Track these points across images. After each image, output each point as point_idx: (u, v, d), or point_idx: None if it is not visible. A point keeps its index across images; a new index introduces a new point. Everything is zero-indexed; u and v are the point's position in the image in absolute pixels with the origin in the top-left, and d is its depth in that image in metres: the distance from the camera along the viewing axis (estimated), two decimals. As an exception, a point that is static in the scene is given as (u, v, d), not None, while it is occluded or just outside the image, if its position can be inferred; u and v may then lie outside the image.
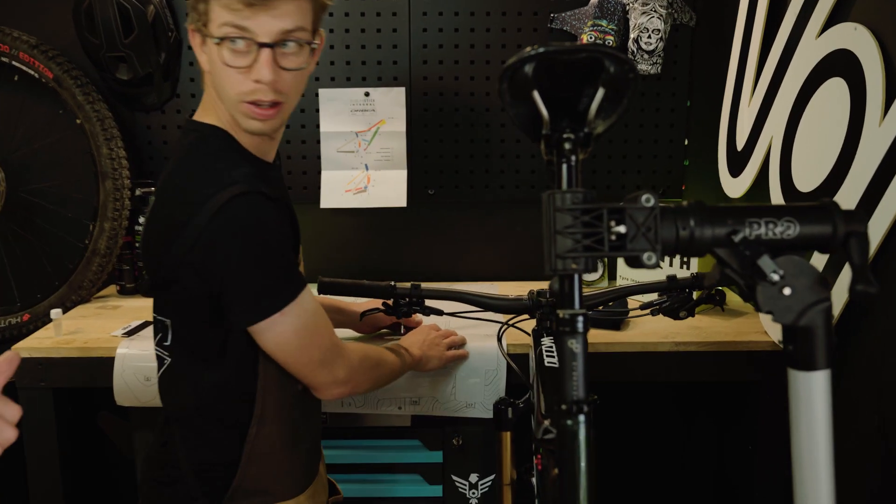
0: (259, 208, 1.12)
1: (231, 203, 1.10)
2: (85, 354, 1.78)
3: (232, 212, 1.10)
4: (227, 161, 1.15)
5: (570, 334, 0.93)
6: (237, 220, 1.10)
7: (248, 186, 1.11)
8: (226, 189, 1.10)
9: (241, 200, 1.10)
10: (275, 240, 1.14)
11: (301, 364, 1.23)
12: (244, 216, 1.11)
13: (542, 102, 0.90)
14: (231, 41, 1.12)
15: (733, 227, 0.91)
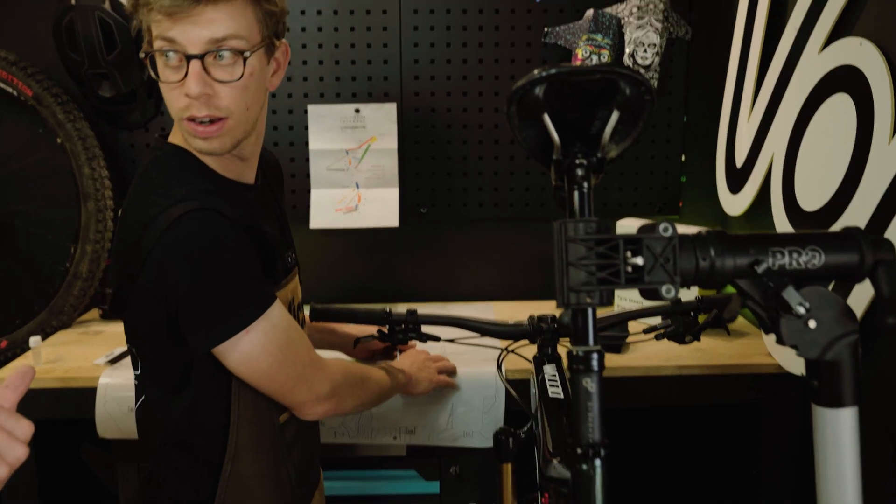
0: (211, 224, 1.06)
1: (180, 220, 1.04)
2: (66, 385, 1.71)
3: (181, 229, 1.04)
4: (181, 179, 1.10)
5: (585, 373, 0.88)
6: (187, 238, 1.04)
7: (200, 203, 1.05)
8: (175, 206, 1.05)
9: (191, 217, 1.04)
10: (231, 256, 1.07)
11: (277, 384, 1.15)
12: (195, 233, 1.05)
13: (552, 126, 0.85)
14: (164, 55, 1.07)
15: (756, 257, 0.87)
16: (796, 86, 1.66)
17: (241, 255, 1.09)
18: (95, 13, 1.93)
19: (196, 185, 1.10)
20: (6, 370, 1.75)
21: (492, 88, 2.14)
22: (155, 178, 1.12)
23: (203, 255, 1.06)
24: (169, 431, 1.18)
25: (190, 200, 1.06)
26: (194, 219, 1.05)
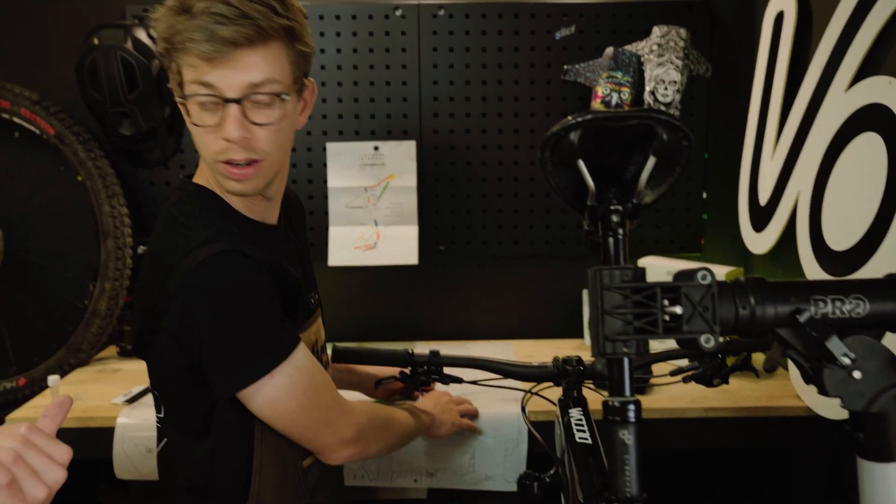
0: (235, 267, 1.04)
1: (205, 263, 1.02)
2: (84, 424, 1.69)
3: (206, 272, 1.02)
4: (205, 220, 1.09)
5: (622, 424, 0.85)
6: (211, 281, 1.03)
7: (224, 245, 1.04)
8: (199, 248, 1.03)
9: (215, 260, 1.03)
10: (256, 298, 1.06)
11: (301, 427, 1.14)
12: (219, 276, 1.03)
13: (587, 172, 0.83)
14: (198, 99, 1.06)
15: (797, 306, 0.84)
16: (822, 123, 1.64)
17: (265, 297, 1.07)
18: (118, 53, 1.94)
19: (220, 226, 1.09)
20: (24, 409, 1.73)
21: (511, 126, 2.13)
22: (179, 219, 1.12)
23: (227, 298, 1.04)
24: (191, 476, 1.16)
25: (214, 242, 1.05)
26: (219, 261, 1.03)
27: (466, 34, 2.08)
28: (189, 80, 1.05)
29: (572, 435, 1.31)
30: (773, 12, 1.90)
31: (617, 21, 2.07)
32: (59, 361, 2.02)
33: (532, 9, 2.07)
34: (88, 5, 2.10)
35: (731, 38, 2.12)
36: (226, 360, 1.06)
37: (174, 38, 1.03)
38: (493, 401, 1.69)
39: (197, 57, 1.02)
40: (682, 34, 2.00)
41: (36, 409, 1.73)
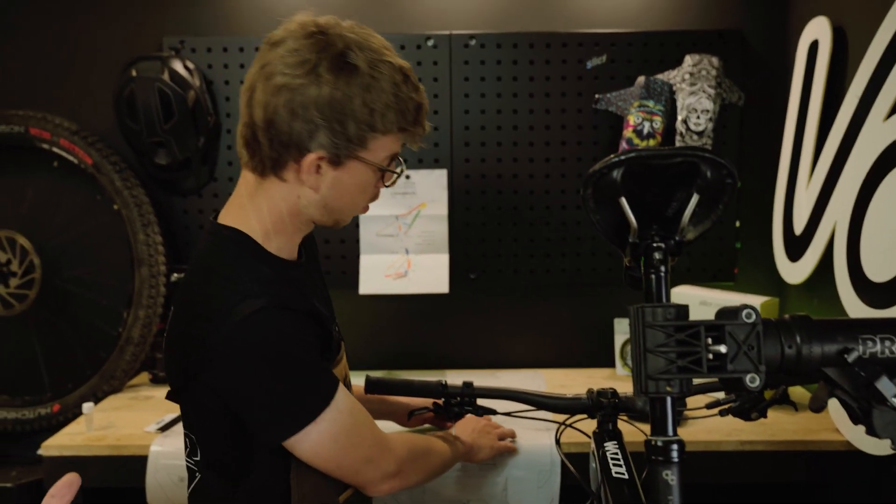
0: (278, 321, 1.04)
1: (249, 320, 1.02)
2: (117, 452, 1.70)
3: (250, 329, 1.02)
4: (242, 268, 1.08)
5: (665, 464, 0.84)
6: (256, 338, 1.03)
7: (266, 300, 1.04)
8: (242, 303, 1.03)
9: (258, 316, 1.02)
10: (298, 349, 1.06)
11: (345, 467, 1.14)
12: (263, 332, 1.03)
13: (629, 209, 0.83)
14: (396, 170, 1.16)
15: (845, 345, 0.83)
16: (860, 153, 1.62)
17: (307, 345, 1.08)
18: (155, 84, 1.98)
19: (257, 273, 1.08)
20: (59, 436, 1.74)
21: (542, 155, 2.13)
22: (216, 268, 1.10)
23: (272, 353, 1.05)
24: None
25: (256, 297, 1.04)
26: (262, 318, 1.03)
27: (498, 63, 2.10)
28: (391, 153, 1.13)
29: (608, 469, 1.29)
30: (808, 41, 1.89)
31: (648, 50, 2.07)
32: (92, 388, 2.04)
33: (563, 38, 2.08)
34: (126, 37, 2.14)
35: (763, 66, 2.11)
36: (271, 411, 1.07)
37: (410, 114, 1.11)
38: (525, 431, 1.68)
39: (419, 138, 1.15)
40: (715, 63, 2.00)
41: (70, 436, 1.74)
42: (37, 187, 2.13)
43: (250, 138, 1.08)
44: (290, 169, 1.08)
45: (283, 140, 1.05)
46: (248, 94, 1.07)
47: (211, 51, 2.12)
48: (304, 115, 1.03)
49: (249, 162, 1.10)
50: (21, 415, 2.07)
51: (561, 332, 2.23)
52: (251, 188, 1.13)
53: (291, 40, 1.06)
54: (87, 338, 2.13)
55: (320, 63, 1.03)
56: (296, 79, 1.03)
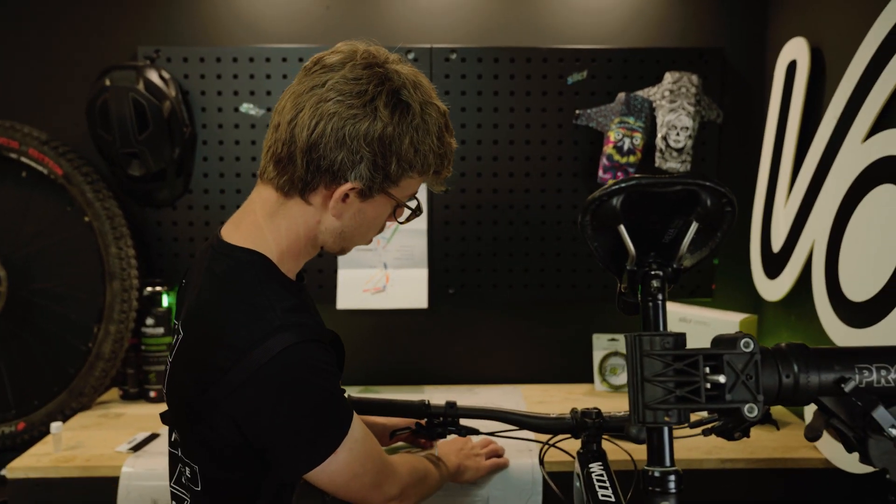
0: (308, 357, 1.02)
1: (279, 357, 0.99)
2: (87, 474, 1.65)
3: (280, 366, 0.99)
4: (268, 296, 1.05)
5: (662, 496, 0.83)
6: (287, 374, 1.00)
7: (297, 334, 1.01)
8: (273, 336, 1.00)
9: (290, 353, 1.00)
10: (324, 383, 1.04)
11: (353, 491, 1.13)
12: (294, 368, 1.01)
13: (628, 237, 0.82)
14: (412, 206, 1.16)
15: (841, 374, 0.82)
16: (838, 173, 1.64)
17: (331, 376, 1.06)
18: (129, 94, 1.94)
19: (283, 300, 1.05)
20: (25, 457, 1.68)
21: (522, 170, 2.13)
22: (239, 294, 1.05)
23: (302, 389, 1.03)
24: None
25: (287, 329, 1.01)
26: (293, 353, 1.01)
27: (479, 78, 2.09)
28: (414, 191, 1.13)
29: (594, 491, 1.28)
30: (786, 61, 1.91)
31: (629, 66, 2.08)
32: (60, 405, 1.98)
33: (544, 54, 2.08)
34: (99, 46, 2.09)
35: (742, 84, 2.13)
36: (296, 446, 1.05)
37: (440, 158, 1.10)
38: (508, 453, 1.66)
39: (443, 179, 1.14)
40: (694, 80, 2.01)
41: (37, 457, 1.68)
42: (3, 198, 2.07)
43: (284, 157, 1.04)
44: (319, 194, 1.06)
45: (321, 165, 1.03)
46: (293, 113, 1.04)
47: (187, 61, 2.08)
48: (351, 145, 1.02)
49: (276, 179, 1.07)
50: (-16, 433, 2.00)
51: (540, 347, 2.22)
52: (271, 207, 1.09)
53: (349, 68, 1.03)
54: (55, 353, 2.07)
55: (378, 97, 1.02)
56: (351, 108, 1.01)
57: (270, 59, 2.08)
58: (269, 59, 2.08)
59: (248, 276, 1.06)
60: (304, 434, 1.04)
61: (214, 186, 2.12)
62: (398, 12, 2.11)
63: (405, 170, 1.07)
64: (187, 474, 1.12)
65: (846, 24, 1.72)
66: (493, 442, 1.64)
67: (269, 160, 1.08)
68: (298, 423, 1.03)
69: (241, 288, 1.05)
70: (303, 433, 1.04)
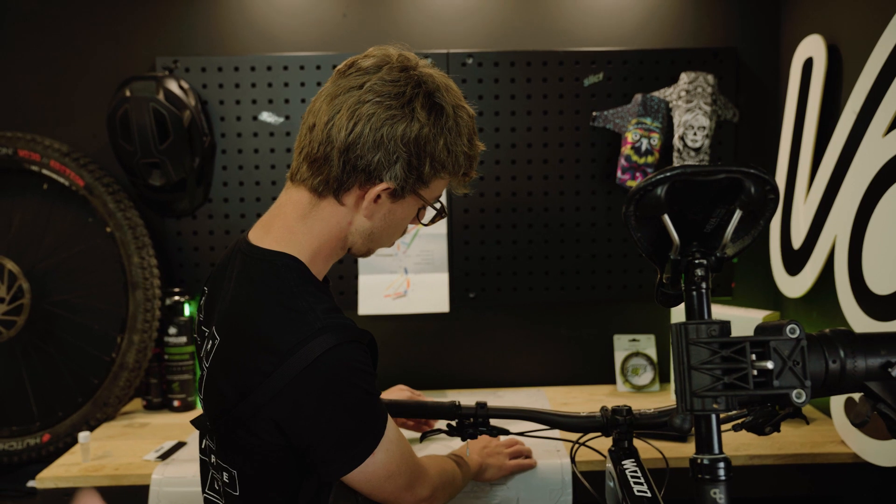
0: (349, 359, 1.03)
1: (322, 359, 1.00)
2: (116, 483, 1.65)
3: (322, 369, 1.00)
4: (306, 299, 1.05)
5: (712, 483, 0.83)
6: (330, 375, 1.01)
7: (338, 336, 1.02)
8: (315, 339, 1.01)
9: (332, 354, 1.01)
10: (364, 383, 1.05)
11: (387, 492, 1.15)
12: (337, 371, 1.02)
13: (672, 226, 0.83)
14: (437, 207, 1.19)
15: (888, 358, 0.83)
16: (859, 168, 1.64)
17: (370, 377, 1.07)
18: (150, 104, 1.95)
19: (321, 303, 1.06)
20: (53, 468, 1.69)
21: (541, 172, 2.14)
22: (278, 298, 1.06)
23: (345, 392, 1.03)
24: None
25: (328, 333, 1.02)
26: (336, 355, 1.01)
27: (495, 82, 2.10)
28: (440, 193, 1.15)
29: (629, 487, 1.28)
30: (802, 58, 1.92)
31: (644, 68, 2.09)
32: (84, 416, 1.98)
33: (560, 57, 2.09)
34: (118, 57, 2.11)
35: (757, 83, 2.14)
36: (338, 448, 1.06)
37: (469, 160, 1.12)
38: (537, 453, 1.66)
39: (468, 181, 1.15)
40: (710, 80, 2.02)
41: (65, 467, 1.69)
42: (25, 210, 2.08)
43: (320, 157, 1.05)
44: (353, 194, 1.08)
45: (358, 165, 1.04)
46: (330, 114, 1.05)
47: (205, 70, 2.09)
48: (388, 146, 1.03)
49: (310, 180, 1.08)
50: (9, 446, 2.00)
51: (561, 349, 2.23)
52: (303, 209, 1.10)
53: (386, 70, 1.05)
54: (79, 364, 2.08)
55: (415, 98, 1.04)
56: (389, 109, 1.03)
57: (288, 68, 2.09)
58: (287, 67, 2.09)
59: (285, 279, 1.06)
60: (346, 435, 1.05)
61: (234, 195, 2.14)
62: (414, 19, 2.12)
63: (437, 171, 1.09)
64: (224, 479, 1.12)
65: (862, 21, 1.73)
66: (520, 442, 1.65)
67: (303, 161, 1.09)
68: (341, 425, 1.04)
69: (280, 291, 1.05)
70: (345, 434, 1.04)
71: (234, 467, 1.10)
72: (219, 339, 1.08)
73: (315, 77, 2.10)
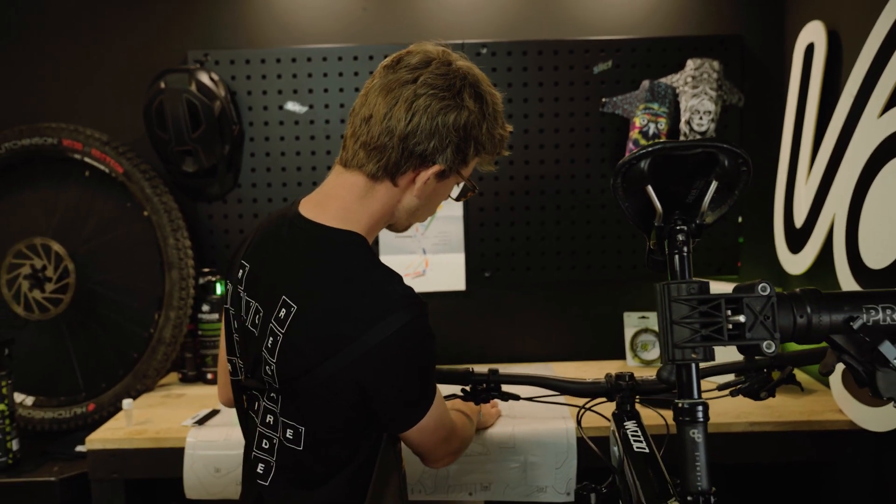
0: (425, 329, 1.17)
1: (405, 328, 1.13)
2: (157, 445, 1.78)
3: (405, 335, 1.13)
4: (380, 273, 1.18)
5: (691, 424, 0.93)
6: (412, 343, 1.15)
7: (417, 310, 1.15)
8: (397, 311, 1.13)
9: (416, 324, 1.14)
10: (432, 350, 1.20)
11: (429, 445, 1.29)
12: (419, 339, 1.16)
13: (655, 196, 0.93)
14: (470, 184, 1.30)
15: (850, 314, 0.92)
16: (856, 149, 1.72)
17: (435, 347, 1.21)
18: (183, 95, 2.08)
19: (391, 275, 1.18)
20: (101, 431, 1.83)
21: (553, 157, 2.23)
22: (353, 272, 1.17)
23: (420, 358, 1.18)
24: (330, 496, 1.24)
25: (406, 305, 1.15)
26: (415, 326, 1.15)
27: (508, 71, 2.20)
28: (470, 172, 1.25)
29: (630, 445, 1.38)
30: (804, 44, 2.00)
31: (652, 55, 2.18)
32: (126, 387, 2.12)
33: (570, 45, 2.19)
34: (152, 51, 2.24)
35: (761, 69, 2.21)
36: (406, 406, 1.21)
37: (501, 141, 1.24)
38: (543, 418, 1.77)
39: (493, 159, 1.26)
40: (716, 66, 2.10)
41: (112, 430, 1.83)
42: (69, 196, 2.23)
43: (380, 145, 1.15)
44: (407, 176, 1.18)
45: (415, 151, 1.15)
46: (388, 107, 1.15)
47: (234, 63, 2.21)
48: (442, 132, 1.14)
49: (367, 165, 1.17)
50: (58, 414, 2.15)
51: (572, 326, 2.33)
52: (360, 191, 1.20)
53: (435, 65, 1.16)
54: (120, 339, 2.22)
55: (463, 89, 1.15)
56: (443, 100, 1.14)
57: (312, 59, 2.21)
58: (311, 59, 2.21)
59: (357, 254, 1.18)
60: (416, 395, 1.20)
61: (261, 181, 2.26)
62: (431, 11, 2.23)
63: (479, 152, 1.21)
64: (286, 436, 1.21)
65: (861, 7, 1.80)
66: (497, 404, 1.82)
67: (360, 148, 1.18)
68: (411, 387, 1.18)
69: (357, 266, 1.17)
70: (412, 395, 1.19)
71: (302, 424, 1.20)
72: (295, 308, 1.17)
73: (337, 68, 2.21)
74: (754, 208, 2.25)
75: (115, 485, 1.79)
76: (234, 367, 1.32)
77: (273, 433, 1.24)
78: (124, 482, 1.80)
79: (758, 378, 1.57)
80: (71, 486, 1.91)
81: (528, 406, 1.79)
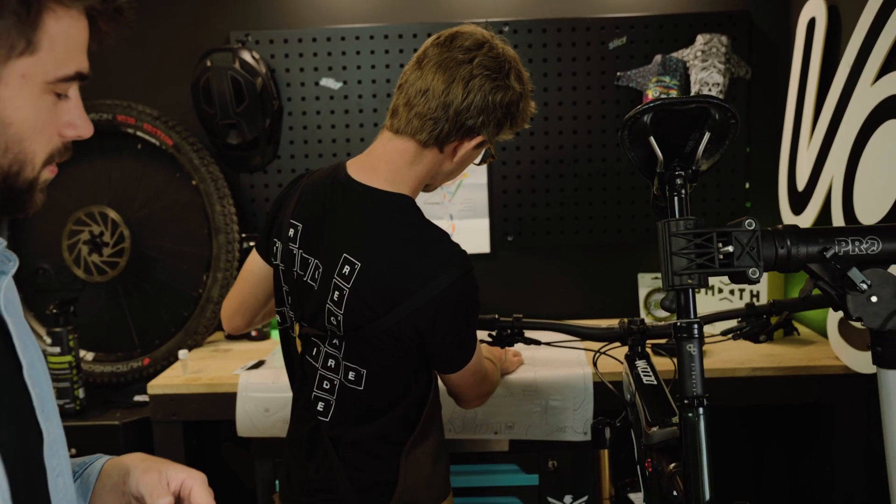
0: (472, 283, 1.33)
1: (458, 282, 1.29)
2: (211, 390, 1.97)
3: (460, 287, 1.29)
4: (432, 232, 1.33)
5: (688, 339, 1.10)
6: (463, 295, 1.31)
7: (466, 266, 1.31)
8: (451, 266, 1.29)
9: (467, 279, 1.31)
10: (478, 303, 1.37)
11: (467, 388, 1.46)
12: (468, 291, 1.32)
13: (657, 146, 1.08)
14: None
15: (824, 245, 1.08)
16: (851, 115, 1.86)
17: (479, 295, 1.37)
18: (228, 72, 2.25)
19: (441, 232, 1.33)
20: (161, 378, 2.02)
21: (571, 127, 2.39)
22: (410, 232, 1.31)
23: (472, 307, 1.36)
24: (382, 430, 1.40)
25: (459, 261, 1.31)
26: (468, 279, 1.31)
27: (529, 47, 2.35)
28: (495, 142, 1.40)
29: (640, 380, 1.55)
30: (806, 19, 2.13)
31: (664, 31, 2.32)
32: (177, 343, 2.32)
33: (587, 23, 2.33)
34: (197, 32, 2.41)
35: (767, 43, 2.35)
36: (457, 350, 1.38)
37: (528, 117, 1.39)
38: (562, 364, 1.94)
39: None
40: (724, 41, 2.24)
41: (170, 377, 2.02)
42: (123, 168, 2.41)
43: (435, 116, 1.29)
44: (452, 145, 1.32)
45: (465, 124, 1.29)
46: (446, 83, 1.28)
47: (273, 42, 2.38)
48: (490, 109, 1.29)
49: (420, 133, 1.30)
50: (116, 368, 2.35)
51: (590, 286, 2.49)
52: (410, 156, 1.32)
53: (487, 48, 1.30)
54: (171, 299, 2.41)
55: (510, 72, 1.31)
56: (495, 81, 1.28)
57: (345, 38, 2.37)
58: (344, 38, 2.37)
59: (412, 214, 1.33)
60: (466, 341, 1.37)
61: (299, 152, 2.43)
62: (456, -9, 2.38)
63: (512, 126, 1.37)
64: (349, 377, 1.37)
65: (858, -17, 1.93)
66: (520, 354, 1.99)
67: (413, 117, 1.31)
68: (464, 333, 1.36)
69: (413, 225, 1.32)
70: (463, 340, 1.36)
71: (364, 367, 1.35)
72: (359, 265, 1.30)
73: (369, 46, 2.38)
74: (761, 175, 2.39)
75: (174, 426, 1.99)
76: (282, 316, 1.45)
77: (335, 375, 1.38)
78: (182, 424, 2.00)
79: (757, 323, 1.73)
80: (132, 430, 2.12)
81: (548, 354, 1.96)
